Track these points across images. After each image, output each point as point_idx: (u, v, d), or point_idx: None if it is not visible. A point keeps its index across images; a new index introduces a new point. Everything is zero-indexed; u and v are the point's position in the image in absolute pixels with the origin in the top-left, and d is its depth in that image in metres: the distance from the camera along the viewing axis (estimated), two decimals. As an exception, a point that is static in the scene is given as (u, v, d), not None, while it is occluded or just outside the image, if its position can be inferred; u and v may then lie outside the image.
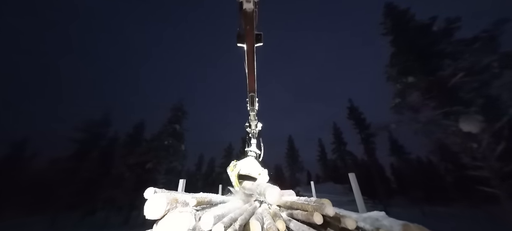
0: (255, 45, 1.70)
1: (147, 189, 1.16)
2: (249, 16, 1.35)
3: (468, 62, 10.51)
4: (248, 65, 1.96)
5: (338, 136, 38.07)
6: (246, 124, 3.60)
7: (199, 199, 1.46)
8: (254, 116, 3.21)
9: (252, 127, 3.50)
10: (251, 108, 2.95)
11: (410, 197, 25.78)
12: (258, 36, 1.64)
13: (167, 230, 1.00)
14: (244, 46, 1.72)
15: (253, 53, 1.79)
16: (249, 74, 2.15)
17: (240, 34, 1.65)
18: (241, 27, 1.55)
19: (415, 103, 11.98)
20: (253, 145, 3.64)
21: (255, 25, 1.47)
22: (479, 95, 9.83)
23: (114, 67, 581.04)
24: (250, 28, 1.48)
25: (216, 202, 2.18)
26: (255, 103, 2.86)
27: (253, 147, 3.61)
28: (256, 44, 1.68)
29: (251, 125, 3.48)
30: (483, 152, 9.11)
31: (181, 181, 2.32)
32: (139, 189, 19.12)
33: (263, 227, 1.80)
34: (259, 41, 1.68)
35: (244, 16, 1.36)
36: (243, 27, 1.51)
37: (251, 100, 2.73)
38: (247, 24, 1.43)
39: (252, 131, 3.60)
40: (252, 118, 3.25)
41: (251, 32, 1.52)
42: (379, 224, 1.42)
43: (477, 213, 17.67)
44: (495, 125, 8.99)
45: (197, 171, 44.11)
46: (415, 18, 13.94)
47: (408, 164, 31.17)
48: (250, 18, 1.38)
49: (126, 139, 28.51)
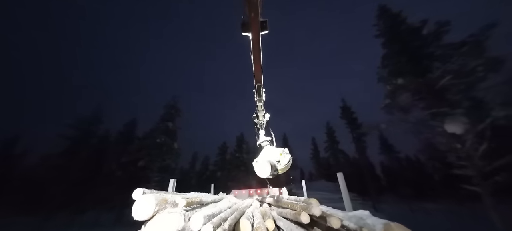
0: (261, 33, 1.65)
1: (135, 190, 1.16)
2: (254, 3, 1.30)
3: (456, 66, 10.91)
4: (254, 54, 1.92)
5: (331, 134, 38.68)
6: (254, 115, 3.57)
7: (189, 199, 1.48)
8: (262, 107, 3.20)
9: (260, 117, 3.48)
10: (258, 99, 2.94)
11: (399, 194, 26.67)
12: (263, 23, 1.59)
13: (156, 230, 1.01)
14: (249, 35, 1.67)
15: (259, 42, 1.74)
16: (255, 64, 2.10)
17: (245, 23, 1.59)
18: (245, 15, 1.49)
19: (404, 104, 12.35)
20: (262, 135, 3.64)
21: (260, 12, 1.42)
22: (465, 97, 10.25)
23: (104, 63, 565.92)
24: (255, 16, 1.42)
25: (207, 202, 2.20)
26: (262, 94, 2.84)
27: (263, 136, 3.62)
28: (261, 32, 1.64)
29: (258, 116, 3.47)
30: (467, 152, 9.53)
31: (171, 180, 2.31)
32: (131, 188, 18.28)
33: (253, 226, 1.84)
34: (265, 28, 1.63)
35: (248, 3, 1.31)
36: (247, 15, 1.45)
37: (258, 91, 2.71)
38: (252, 12, 1.38)
39: (260, 122, 3.58)
40: (260, 109, 3.24)
41: (256, 19, 1.47)
42: (363, 223, 1.49)
43: (461, 210, 18.50)
44: (478, 126, 9.40)
45: (190, 169, 43.78)
46: (406, 21, 14.28)
47: (397, 163, 32.17)
48: (255, 5, 1.33)
49: (117, 137, 27.92)
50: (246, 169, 32.42)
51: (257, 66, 2.13)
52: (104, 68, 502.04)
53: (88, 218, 22.70)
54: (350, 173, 30.53)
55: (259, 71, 2.25)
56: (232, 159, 34.19)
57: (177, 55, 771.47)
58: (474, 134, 9.50)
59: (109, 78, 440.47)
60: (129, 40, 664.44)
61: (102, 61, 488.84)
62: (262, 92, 2.79)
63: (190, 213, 1.38)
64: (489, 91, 10.25)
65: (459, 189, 10.46)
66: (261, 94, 2.81)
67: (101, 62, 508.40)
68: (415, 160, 32.58)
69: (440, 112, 10.46)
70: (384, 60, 14.47)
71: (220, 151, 38.08)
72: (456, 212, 18.50)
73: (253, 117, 3.62)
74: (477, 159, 9.43)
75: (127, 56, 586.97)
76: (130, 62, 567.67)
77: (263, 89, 2.75)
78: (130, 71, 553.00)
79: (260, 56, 1.94)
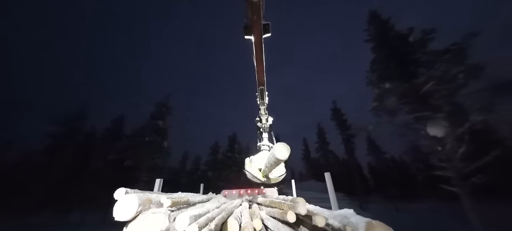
0: (263, 36, 1.65)
1: (117, 190, 1.14)
2: (256, 5, 1.30)
3: (439, 72, 11.48)
4: (256, 57, 1.91)
5: (321, 135, 39.41)
6: (257, 118, 3.52)
7: (175, 199, 1.47)
8: (265, 110, 3.15)
9: (263, 121, 3.43)
10: (261, 102, 2.89)
11: (385, 194, 27.64)
12: (265, 26, 1.60)
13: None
14: (252, 38, 1.67)
15: (261, 45, 1.74)
16: (257, 66, 2.09)
17: (247, 26, 1.60)
18: (247, 19, 1.50)
19: (391, 107, 12.84)
20: (265, 139, 3.59)
21: (262, 15, 1.42)
22: (446, 102, 10.81)
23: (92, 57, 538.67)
24: (257, 19, 1.42)
25: (194, 202, 2.19)
26: (265, 97, 2.79)
27: (265, 140, 3.57)
28: (264, 35, 1.64)
29: (261, 119, 3.42)
30: (447, 154, 10.06)
31: (157, 180, 2.27)
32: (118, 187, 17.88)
33: (241, 225, 1.85)
34: (267, 31, 1.64)
35: (251, 6, 1.31)
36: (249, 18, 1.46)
37: (261, 94, 2.67)
38: (254, 14, 1.38)
39: (263, 125, 3.53)
40: (263, 112, 3.19)
41: (259, 22, 1.46)
42: (347, 222, 1.54)
43: (443, 209, 19.48)
44: (458, 130, 9.96)
45: (181, 169, 42.99)
46: (394, 28, 14.83)
47: (384, 163, 33.34)
48: (257, 8, 1.33)
49: (104, 134, 26.92)
50: (238, 169, 32.33)
51: (260, 69, 2.13)
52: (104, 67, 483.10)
53: (74, 217, 21.75)
54: (339, 173, 31.29)
55: (262, 74, 2.23)
56: (224, 158, 33.98)
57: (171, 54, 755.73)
58: (454, 137, 10.04)
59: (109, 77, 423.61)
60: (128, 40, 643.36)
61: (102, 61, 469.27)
62: (265, 95, 2.74)
63: (176, 214, 1.37)
64: (469, 97, 10.89)
65: (440, 190, 11.02)
66: (264, 97, 2.76)
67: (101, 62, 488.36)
68: (400, 161, 33.90)
69: (423, 116, 10.98)
70: (373, 65, 14.94)
71: (212, 151, 37.71)
72: (438, 212, 19.46)
73: (256, 120, 3.56)
74: (456, 161, 9.98)
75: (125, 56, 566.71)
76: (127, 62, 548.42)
77: (266, 92, 2.70)
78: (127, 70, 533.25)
79: (263, 58, 1.94)
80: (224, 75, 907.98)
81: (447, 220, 16.86)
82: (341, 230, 1.51)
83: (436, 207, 20.72)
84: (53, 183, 20.73)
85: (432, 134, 10.14)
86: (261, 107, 3.03)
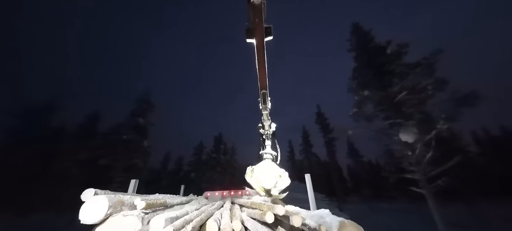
0: (265, 39, 1.64)
1: (85, 191, 1.06)
2: (258, 8, 1.30)
3: (411, 83, 12.54)
4: (258, 61, 1.88)
5: (306, 138, 40.55)
6: (259, 124, 3.34)
7: (151, 201, 1.40)
8: (267, 115, 2.99)
9: (266, 127, 3.25)
10: (263, 107, 2.74)
11: (361, 195, 29.28)
12: (267, 29, 1.59)
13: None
14: (254, 41, 1.65)
15: (263, 48, 1.72)
16: (259, 70, 2.05)
17: (249, 29, 1.58)
18: (249, 22, 1.49)
19: (369, 114, 13.70)
20: (268, 146, 3.40)
21: (264, 18, 1.42)
22: (417, 111, 11.83)
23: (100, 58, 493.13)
24: (259, 22, 1.42)
25: (172, 204, 2.11)
26: (268, 102, 2.66)
27: (268, 148, 3.37)
28: (266, 38, 1.63)
29: (264, 126, 3.24)
30: (416, 158, 10.98)
31: (132, 181, 2.15)
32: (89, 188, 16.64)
33: (220, 227, 1.83)
34: (269, 34, 1.63)
35: (252, 9, 1.30)
36: (251, 21, 1.45)
37: (263, 98, 2.55)
38: (256, 17, 1.38)
39: (266, 132, 3.35)
40: (265, 118, 3.02)
41: (260, 25, 1.46)
42: (322, 221, 1.61)
43: (411, 209, 21.16)
44: (426, 136, 10.92)
45: (162, 170, 41.11)
46: (374, 39, 15.87)
47: (361, 166, 35.30)
48: (259, 11, 1.32)
49: (76, 130, 24.78)
50: (222, 170, 31.84)
51: (262, 72, 2.09)
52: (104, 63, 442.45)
53: (33, 222, 19.58)
54: (321, 175, 32.45)
55: (264, 77, 2.18)
56: (208, 159, 33.26)
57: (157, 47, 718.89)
58: (422, 143, 10.99)
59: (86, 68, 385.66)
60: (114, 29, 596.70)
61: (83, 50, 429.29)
62: (267, 100, 2.62)
63: (151, 216, 1.31)
64: (436, 107, 12.03)
65: (409, 191, 11.97)
66: (267, 102, 2.63)
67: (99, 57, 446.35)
68: (375, 164, 36.18)
69: (396, 122, 11.87)
70: (354, 73, 15.83)
71: (196, 151, 36.71)
72: (406, 212, 21.08)
73: (259, 127, 3.40)
74: (424, 165, 10.93)
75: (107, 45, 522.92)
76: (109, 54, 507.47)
77: (268, 97, 2.59)
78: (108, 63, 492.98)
79: (265, 62, 1.92)
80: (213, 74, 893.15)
81: (414, 219, 18.36)
82: (317, 230, 1.57)
83: (405, 207, 22.43)
84: (11, 183, 18.52)
85: (403, 139, 11.01)
86: (263, 112, 2.89)
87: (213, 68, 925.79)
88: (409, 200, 20.23)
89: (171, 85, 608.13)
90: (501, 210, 21.12)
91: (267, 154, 3.30)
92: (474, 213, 19.61)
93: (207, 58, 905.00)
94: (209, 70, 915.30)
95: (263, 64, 1.95)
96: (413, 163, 11.13)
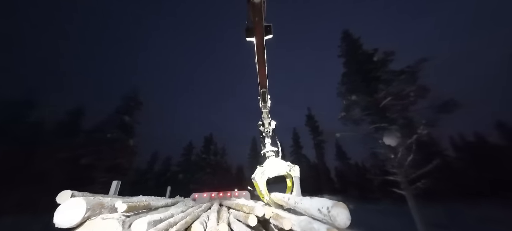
0: (265, 38, 1.64)
1: (61, 193, 1.01)
2: (258, 7, 1.30)
3: (395, 89, 13.15)
4: (258, 59, 1.88)
5: (296, 140, 41.18)
6: (259, 122, 3.41)
7: (133, 203, 1.37)
8: (267, 113, 3.05)
9: (266, 125, 3.31)
10: (263, 106, 2.79)
11: (347, 196, 30.12)
12: (267, 28, 1.59)
13: (86, 239, 0.90)
14: (253, 40, 1.65)
15: (263, 47, 1.72)
16: (259, 69, 2.06)
17: (249, 28, 1.58)
18: (249, 21, 1.49)
19: (356, 118, 14.18)
20: (268, 144, 3.46)
21: (263, 17, 1.42)
22: (400, 116, 12.41)
23: None
24: (259, 21, 1.42)
25: (157, 206, 2.07)
26: (267, 100, 2.70)
27: (268, 146, 3.44)
28: (265, 36, 1.63)
29: (264, 124, 3.30)
30: (398, 161, 11.50)
31: (114, 182, 2.07)
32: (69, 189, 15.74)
33: (206, 230, 1.82)
34: (269, 33, 1.62)
35: (252, 8, 1.31)
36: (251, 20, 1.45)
37: (263, 97, 2.59)
38: (256, 16, 1.38)
39: (266, 129, 3.41)
40: (265, 116, 3.08)
41: (260, 24, 1.46)
42: (310, 227, 1.65)
43: (394, 210, 22.10)
44: (407, 140, 11.48)
45: (148, 170, 39.78)
46: (363, 47, 16.49)
47: (348, 168, 36.36)
48: (259, 10, 1.33)
49: (57, 127, 23.37)
50: (212, 171, 31.37)
51: (262, 71, 2.10)
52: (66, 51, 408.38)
53: (2, 225, 18.14)
54: (309, 176, 33.00)
55: (264, 76, 2.20)
56: (198, 160, 32.68)
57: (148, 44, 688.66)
58: (404, 147, 11.54)
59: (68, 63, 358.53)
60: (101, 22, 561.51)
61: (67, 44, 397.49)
62: (267, 98, 2.67)
63: (133, 219, 1.28)
64: (417, 113, 12.69)
65: (392, 192, 12.50)
66: (266, 100, 2.68)
67: (66, 46, 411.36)
68: (361, 166, 37.40)
69: (381, 127, 12.38)
70: (344, 78, 16.32)
71: (185, 151, 35.94)
72: (389, 213, 21.99)
73: (259, 125, 3.48)
74: (406, 168, 11.48)
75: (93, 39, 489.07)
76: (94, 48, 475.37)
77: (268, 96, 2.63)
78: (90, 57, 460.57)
79: (265, 60, 1.92)
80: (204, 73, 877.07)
81: (394, 219, 19.21)
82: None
83: (388, 208, 23.40)
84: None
85: (387, 143, 11.51)
86: (263, 110, 2.96)
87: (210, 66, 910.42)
88: (392, 201, 21.13)
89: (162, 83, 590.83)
90: (476, 211, 22.66)
91: (269, 152, 3.39)
92: (451, 213, 20.84)
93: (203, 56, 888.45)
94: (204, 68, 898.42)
95: (263, 63, 1.96)
96: (395, 166, 11.65)
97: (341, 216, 1.27)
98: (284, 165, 3.14)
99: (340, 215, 1.27)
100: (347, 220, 1.31)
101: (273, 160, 3.25)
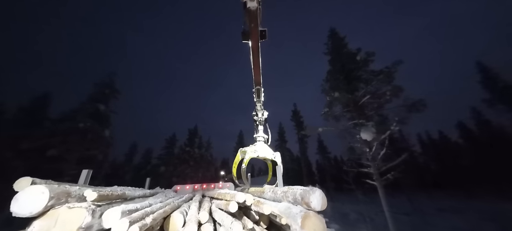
0: (260, 41, 1.74)
1: (19, 179, 0.92)
2: (253, 14, 1.38)
3: (373, 88, 13.95)
4: (253, 60, 2.00)
5: (281, 134, 42.11)
6: (253, 112, 3.90)
7: (105, 193, 1.28)
8: (261, 106, 3.52)
9: (259, 115, 3.80)
10: (257, 100, 3.22)
11: (325, 187, 31.90)
12: (262, 32, 1.68)
13: (49, 230, 0.83)
14: (249, 43, 1.74)
15: (258, 49, 1.82)
16: (254, 69, 2.24)
17: (245, 32, 1.67)
18: (245, 25, 1.58)
19: (337, 114, 14.85)
20: (260, 131, 3.91)
21: (259, 22, 1.50)
22: (376, 114, 13.27)
23: None
24: (254, 26, 1.51)
25: (133, 197, 1.98)
26: (261, 95, 3.12)
27: (261, 132, 3.89)
28: (261, 40, 1.73)
29: (257, 114, 3.79)
30: (372, 155, 12.39)
31: (84, 171, 1.94)
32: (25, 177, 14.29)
33: (185, 220, 1.80)
34: (264, 37, 1.73)
35: (248, 14, 1.38)
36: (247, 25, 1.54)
37: (258, 93, 2.96)
38: (252, 22, 1.47)
39: (259, 119, 3.89)
40: (259, 108, 3.57)
41: (256, 29, 1.56)
42: (289, 212, 1.71)
43: (366, 200, 24.01)
44: (381, 136, 12.38)
45: (126, 163, 37.78)
46: (347, 46, 17.09)
47: (328, 161, 38.33)
48: (254, 16, 1.41)
49: (18, 115, 20.89)
50: (196, 165, 30.76)
51: (257, 70, 2.30)
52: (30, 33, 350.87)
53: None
54: (292, 169, 34.18)
55: (258, 75, 2.42)
56: (181, 153, 31.76)
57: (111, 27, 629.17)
58: (378, 142, 12.43)
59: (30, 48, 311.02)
60: None
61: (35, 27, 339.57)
62: (261, 94, 3.06)
63: (105, 209, 1.21)
64: (391, 111, 13.67)
65: (365, 184, 13.50)
66: (261, 96, 3.10)
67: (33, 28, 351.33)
68: (340, 160, 39.69)
69: (359, 123, 13.15)
70: (328, 75, 16.86)
71: (168, 144, 34.69)
72: (362, 202, 23.86)
73: (253, 115, 3.96)
74: (378, 161, 12.42)
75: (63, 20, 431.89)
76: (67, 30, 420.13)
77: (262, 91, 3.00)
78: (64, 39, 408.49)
79: (259, 61, 2.07)
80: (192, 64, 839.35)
81: (367, 208, 20.91)
82: (281, 219, 1.66)
83: (361, 198, 25.40)
84: None
85: (363, 138, 12.30)
86: (257, 104, 3.42)
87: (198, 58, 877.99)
88: (365, 191, 22.91)
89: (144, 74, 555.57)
90: (436, 202, 25.58)
91: (260, 137, 3.86)
92: (414, 203, 23.25)
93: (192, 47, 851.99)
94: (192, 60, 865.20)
95: (258, 64, 2.14)
96: (369, 159, 12.54)
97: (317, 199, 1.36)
98: (271, 151, 3.65)
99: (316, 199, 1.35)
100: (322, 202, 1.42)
101: (263, 145, 3.74)
